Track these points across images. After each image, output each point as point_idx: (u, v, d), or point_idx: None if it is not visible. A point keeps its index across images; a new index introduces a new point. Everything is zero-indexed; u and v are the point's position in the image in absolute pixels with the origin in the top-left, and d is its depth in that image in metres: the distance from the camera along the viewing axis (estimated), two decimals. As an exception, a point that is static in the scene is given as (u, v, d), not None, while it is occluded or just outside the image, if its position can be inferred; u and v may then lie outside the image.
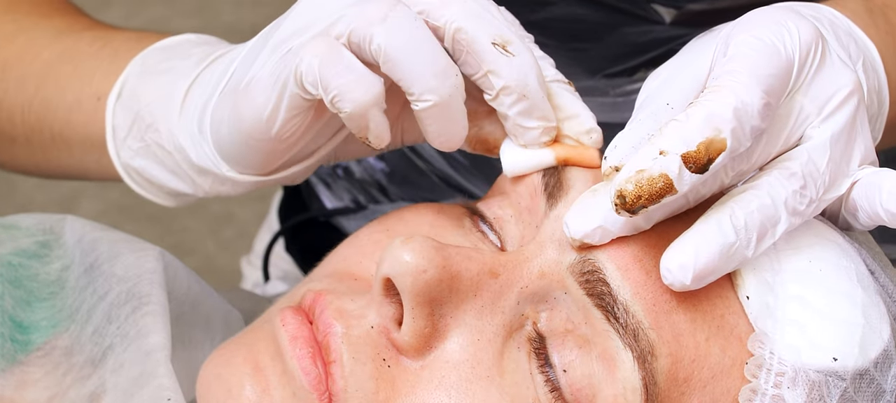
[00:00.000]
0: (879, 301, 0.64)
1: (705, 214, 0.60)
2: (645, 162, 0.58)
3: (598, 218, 0.60)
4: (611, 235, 0.61)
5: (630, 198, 0.58)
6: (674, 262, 0.59)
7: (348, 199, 1.09)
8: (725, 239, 0.59)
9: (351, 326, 0.62)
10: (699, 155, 0.57)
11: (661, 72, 0.67)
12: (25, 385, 0.66)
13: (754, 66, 0.59)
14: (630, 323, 0.60)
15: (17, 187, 2.21)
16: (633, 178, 0.58)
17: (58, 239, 0.72)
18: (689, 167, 0.57)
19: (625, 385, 0.59)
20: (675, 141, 0.57)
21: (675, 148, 0.57)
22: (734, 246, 0.59)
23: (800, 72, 0.61)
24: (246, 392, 0.61)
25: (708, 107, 0.58)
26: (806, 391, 0.60)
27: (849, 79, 0.62)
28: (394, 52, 0.62)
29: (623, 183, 0.58)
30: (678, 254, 0.59)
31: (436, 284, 0.60)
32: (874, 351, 0.62)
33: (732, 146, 0.58)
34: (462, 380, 0.61)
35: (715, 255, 0.59)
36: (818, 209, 0.62)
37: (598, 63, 0.95)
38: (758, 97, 0.58)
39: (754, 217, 0.60)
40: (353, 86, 0.62)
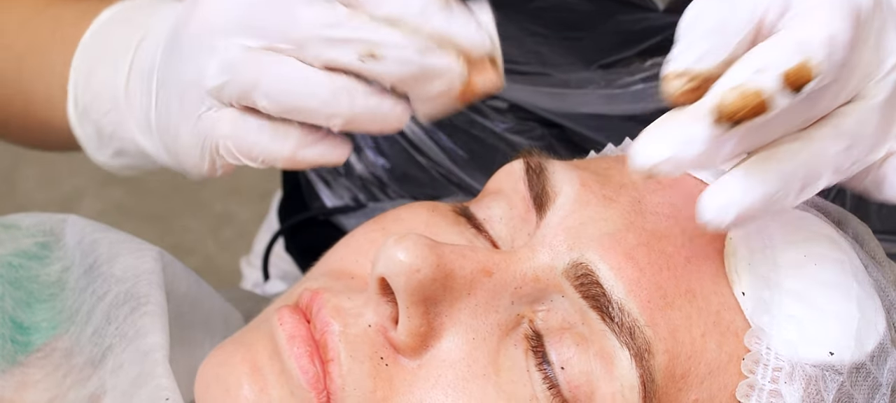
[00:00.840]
0: (874, 294, 0.64)
1: (751, 159, 0.58)
2: (744, 76, 0.55)
3: (673, 145, 0.55)
4: (682, 167, 0.56)
5: (731, 108, 0.54)
6: (714, 201, 0.57)
7: (348, 197, 1.09)
8: (769, 187, 0.57)
9: (348, 324, 0.62)
10: (788, 78, 0.54)
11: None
12: (25, 387, 0.66)
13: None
14: (625, 321, 0.60)
15: (17, 187, 2.21)
16: (737, 88, 0.54)
17: (58, 240, 0.72)
18: (789, 85, 0.54)
19: (622, 382, 0.59)
20: (769, 60, 0.55)
21: (776, 67, 0.54)
22: (776, 195, 0.57)
23: (870, 20, 0.59)
24: (244, 391, 0.61)
25: (799, 34, 0.55)
26: (803, 385, 0.61)
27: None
28: (283, 103, 0.65)
29: (726, 92, 0.55)
30: (720, 194, 0.57)
31: (430, 283, 0.60)
32: (870, 345, 0.62)
33: (821, 75, 0.55)
34: (459, 379, 0.61)
35: (758, 200, 0.57)
36: (857, 170, 0.61)
37: (592, 53, 0.94)
38: (847, 28, 0.56)
39: (800, 170, 0.58)
40: (271, 146, 0.67)
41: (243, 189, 2.20)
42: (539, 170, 0.66)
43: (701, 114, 0.55)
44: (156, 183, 2.16)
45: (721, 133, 0.55)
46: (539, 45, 0.93)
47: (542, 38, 0.93)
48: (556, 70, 0.95)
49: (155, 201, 2.15)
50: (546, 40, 0.93)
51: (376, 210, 1.06)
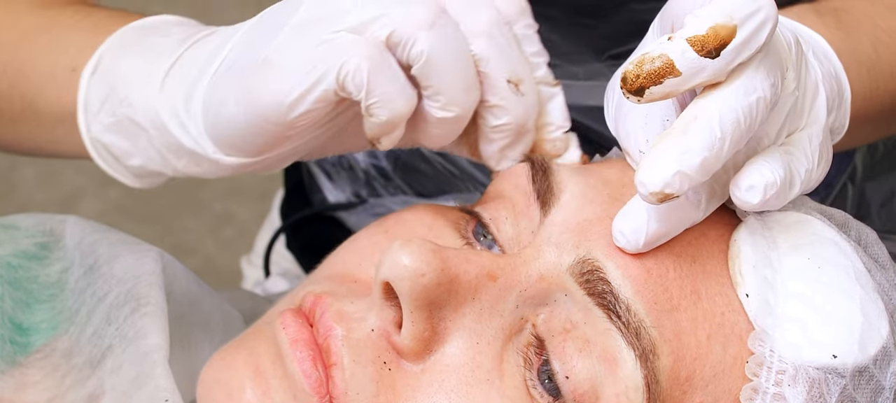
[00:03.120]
0: (878, 298, 0.64)
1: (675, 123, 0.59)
2: (651, 47, 0.58)
3: (673, 165, 0.58)
4: (689, 180, 0.57)
5: (630, 78, 0.57)
6: (746, 181, 0.60)
7: (350, 192, 1.09)
8: (782, 171, 0.60)
9: (351, 329, 0.62)
10: (707, 38, 0.57)
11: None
12: (25, 388, 0.66)
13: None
14: (632, 321, 0.60)
15: (17, 187, 2.21)
16: (635, 59, 0.58)
17: (58, 240, 0.72)
18: (695, 48, 0.57)
19: (627, 383, 0.59)
20: (684, 30, 0.58)
21: (683, 34, 0.57)
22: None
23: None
24: (247, 395, 0.61)
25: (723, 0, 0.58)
26: (806, 388, 0.61)
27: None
28: (436, 61, 0.63)
29: (626, 65, 0.58)
30: (756, 175, 0.60)
31: (434, 287, 0.60)
32: (873, 348, 0.62)
33: (743, 35, 0.57)
34: (462, 384, 0.60)
35: (779, 177, 0.60)
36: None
37: (604, 43, 0.94)
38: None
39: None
40: (396, 97, 0.63)
41: (243, 189, 2.20)
42: (544, 168, 0.66)
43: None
44: (155, 182, 2.15)
45: (635, 99, 0.58)
46: (551, 31, 0.93)
47: (554, 24, 0.93)
48: (566, 60, 0.95)
49: (155, 201, 2.14)
50: (558, 26, 0.93)
51: (377, 206, 1.06)
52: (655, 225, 0.61)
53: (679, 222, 0.62)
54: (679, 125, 0.58)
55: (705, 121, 0.58)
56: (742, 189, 0.60)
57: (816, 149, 0.64)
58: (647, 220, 0.60)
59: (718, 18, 0.57)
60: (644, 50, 0.58)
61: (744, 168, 0.61)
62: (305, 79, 0.63)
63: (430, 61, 0.63)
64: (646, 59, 0.57)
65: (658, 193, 0.57)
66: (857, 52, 0.75)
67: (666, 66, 0.57)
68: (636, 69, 0.57)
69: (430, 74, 0.64)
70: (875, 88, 0.77)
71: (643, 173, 0.57)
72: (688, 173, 0.57)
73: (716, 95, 0.58)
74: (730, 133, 0.58)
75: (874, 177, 1.07)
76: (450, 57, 0.64)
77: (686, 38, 0.57)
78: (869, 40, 0.77)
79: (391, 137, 0.65)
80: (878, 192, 1.08)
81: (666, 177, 0.57)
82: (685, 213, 0.62)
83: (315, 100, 0.64)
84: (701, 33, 0.57)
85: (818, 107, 0.65)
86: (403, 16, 0.63)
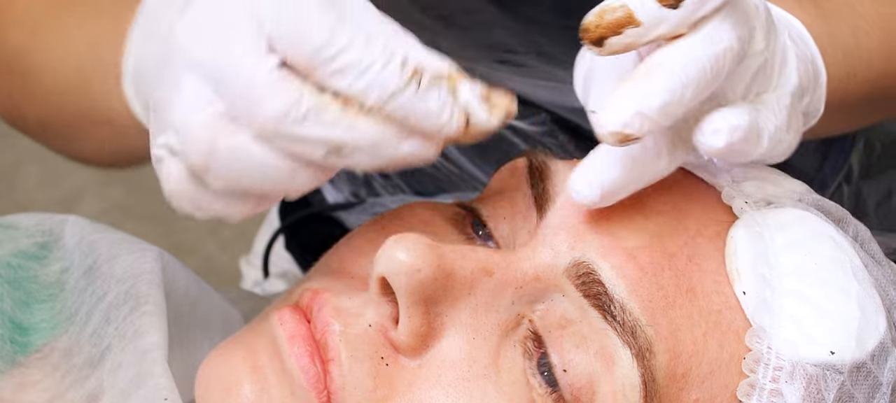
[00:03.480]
0: (875, 293, 0.64)
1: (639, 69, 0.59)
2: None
3: (632, 105, 0.57)
4: (650, 121, 0.57)
5: (591, 28, 0.57)
6: (710, 125, 0.59)
7: (348, 192, 1.09)
8: (748, 118, 0.60)
9: (349, 324, 0.62)
10: None
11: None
12: (25, 387, 0.66)
13: None
14: (627, 320, 0.60)
15: (17, 187, 2.21)
16: (596, 11, 0.57)
17: (57, 240, 0.72)
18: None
19: (624, 382, 0.59)
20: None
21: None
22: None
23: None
24: (244, 391, 0.61)
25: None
26: (804, 385, 0.61)
27: None
28: (238, 178, 0.59)
29: (587, 15, 0.58)
30: (719, 120, 0.59)
31: (430, 283, 0.60)
32: (871, 344, 0.62)
33: None
34: (459, 379, 0.61)
35: (744, 122, 0.60)
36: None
37: None
38: None
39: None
40: (228, 211, 0.62)
41: (243, 188, 2.19)
42: (541, 169, 0.66)
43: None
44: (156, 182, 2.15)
45: (596, 50, 0.58)
46: (537, 34, 0.93)
47: (540, 27, 0.93)
48: (552, 62, 0.95)
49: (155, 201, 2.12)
50: (545, 29, 0.93)
51: (376, 205, 1.06)
52: (611, 175, 0.60)
53: (640, 174, 0.61)
54: (642, 69, 0.58)
55: (669, 67, 0.57)
56: (706, 132, 0.59)
57: (784, 110, 0.63)
58: (603, 171, 0.60)
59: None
60: (606, 1, 0.58)
61: (708, 114, 0.60)
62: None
63: (231, 181, 0.58)
64: (606, 9, 0.57)
65: (617, 133, 0.57)
66: (835, 36, 0.75)
67: (626, 16, 0.57)
68: (597, 19, 0.57)
69: (243, 190, 0.59)
70: (852, 74, 0.76)
71: (603, 114, 0.57)
72: (648, 114, 0.57)
73: (681, 43, 0.58)
74: (694, 79, 0.57)
75: (871, 176, 1.07)
76: (239, 167, 0.58)
77: None
78: (848, 26, 0.77)
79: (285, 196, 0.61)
80: (875, 192, 1.08)
81: (625, 117, 0.56)
82: (645, 164, 0.61)
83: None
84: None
85: (788, 71, 0.65)
86: (189, 153, 0.58)
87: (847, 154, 1.05)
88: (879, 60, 0.79)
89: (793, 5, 0.75)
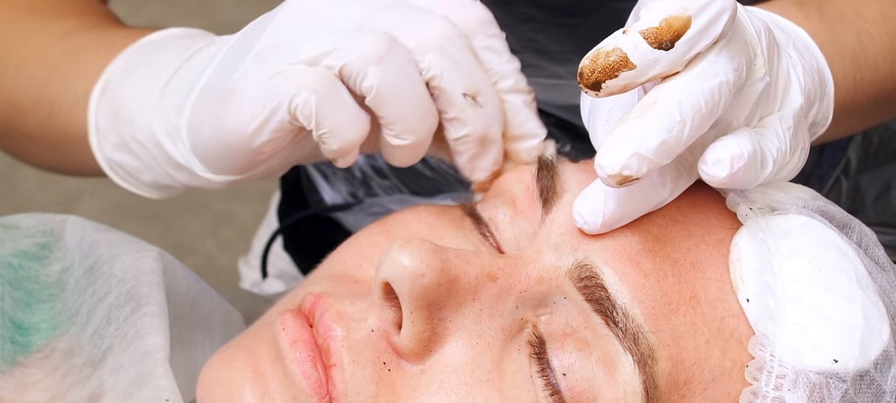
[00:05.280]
0: (878, 301, 0.64)
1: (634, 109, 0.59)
2: (606, 41, 0.58)
3: (629, 147, 0.58)
4: (647, 162, 0.58)
5: (586, 73, 0.58)
6: (712, 155, 0.60)
7: (346, 192, 1.09)
8: (750, 146, 0.60)
9: (351, 329, 0.62)
10: (660, 31, 0.57)
11: None
12: (25, 387, 0.66)
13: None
14: (629, 326, 0.60)
15: (17, 187, 2.21)
16: (591, 55, 0.58)
17: (58, 240, 0.72)
18: (649, 41, 0.57)
19: (625, 388, 0.59)
20: (639, 22, 0.58)
21: (637, 27, 0.58)
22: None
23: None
24: (246, 396, 0.61)
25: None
26: (807, 393, 0.60)
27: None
28: (386, 94, 0.64)
29: (583, 59, 0.58)
30: (721, 149, 0.60)
31: (434, 288, 0.60)
32: (874, 352, 0.62)
33: (698, 26, 0.57)
34: (462, 384, 0.60)
35: (747, 150, 0.60)
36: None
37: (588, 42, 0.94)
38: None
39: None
40: (346, 126, 0.65)
41: (243, 189, 2.20)
42: (549, 166, 0.66)
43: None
44: (156, 182, 2.15)
45: (593, 94, 0.59)
46: (535, 32, 0.93)
47: (537, 24, 0.93)
48: (550, 59, 0.95)
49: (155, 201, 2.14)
50: (542, 27, 0.93)
51: (374, 205, 1.06)
52: (613, 206, 0.61)
53: (641, 203, 0.62)
54: (638, 109, 0.58)
55: (664, 105, 0.58)
56: (709, 163, 0.60)
57: (787, 132, 0.63)
58: (605, 201, 0.61)
59: (672, 10, 0.57)
60: (600, 45, 0.58)
61: (711, 145, 0.60)
62: (261, 110, 0.65)
63: (379, 94, 0.64)
64: (600, 53, 0.58)
65: (616, 175, 0.57)
66: (841, 43, 0.75)
67: (620, 60, 0.57)
68: (592, 64, 0.58)
69: (382, 107, 0.65)
70: (860, 79, 0.77)
71: (601, 155, 0.58)
72: (646, 155, 0.57)
73: (676, 80, 0.58)
74: (690, 116, 0.58)
75: (868, 169, 1.07)
76: (399, 89, 0.64)
77: (639, 31, 0.57)
78: (853, 31, 0.77)
79: (347, 159, 0.66)
80: (873, 185, 1.08)
81: (623, 159, 0.57)
82: (648, 195, 0.62)
83: (273, 130, 0.65)
84: (654, 26, 0.57)
85: (792, 94, 0.65)
86: (354, 50, 0.64)
87: (844, 148, 1.05)
88: (885, 62, 0.79)
89: (797, 13, 0.74)
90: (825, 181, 1.05)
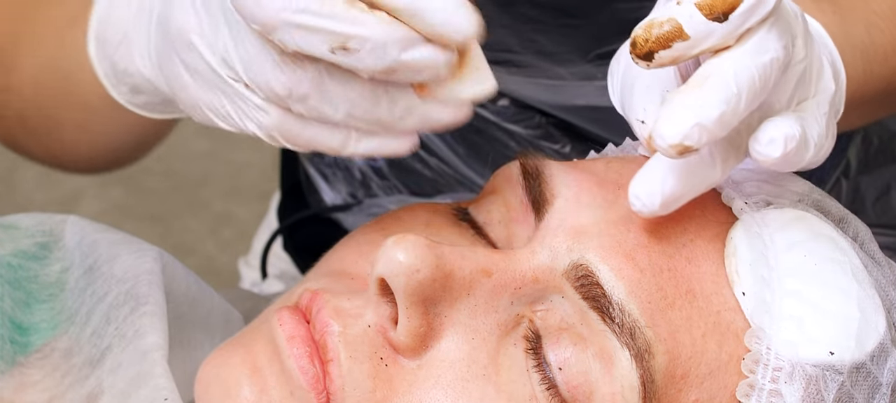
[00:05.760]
0: (874, 294, 0.64)
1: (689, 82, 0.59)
2: (659, 11, 0.58)
3: (691, 116, 0.57)
4: (708, 131, 0.57)
5: (639, 42, 0.58)
6: (766, 135, 0.60)
7: (346, 193, 1.09)
8: (800, 128, 0.60)
9: (348, 325, 0.62)
10: (715, 3, 0.57)
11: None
12: (24, 387, 0.66)
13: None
14: (626, 322, 0.60)
15: (17, 187, 2.21)
16: (644, 24, 0.58)
17: (58, 240, 0.72)
18: (704, 12, 0.57)
19: (622, 383, 0.59)
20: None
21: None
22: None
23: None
24: (244, 392, 0.61)
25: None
26: (803, 385, 0.61)
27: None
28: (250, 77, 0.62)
29: (635, 30, 0.58)
30: (775, 129, 0.60)
31: (429, 283, 0.60)
32: (870, 344, 0.62)
33: (751, 0, 0.57)
34: (458, 379, 0.61)
35: (797, 131, 0.60)
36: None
37: (589, 42, 0.94)
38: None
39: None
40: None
41: (243, 189, 2.20)
42: (536, 174, 0.66)
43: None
44: (155, 183, 2.16)
45: (645, 64, 0.58)
46: (536, 33, 0.93)
47: (538, 26, 0.93)
48: (551, 60, 0.95)
49: (155, 201, 2.15)
50: (543, 27, 0.93)
51: (373, 206, 1.06)
52: (671, 184, 0.60)
53: (697, 183, 0.61)
54: (693, 81, 0.58)
55: (721, 77, 0.58)
56: (762, 142, 0.60)
57: (823, 117, 0.64)
58: (663, 181, 0.60)
59: None
60: (652, 15, 0.58)
61: (762, 124, 0.60)
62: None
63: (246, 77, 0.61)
64: (654, 23, 0.58)
65: (677, 145, 0.57)
66: (852, 36, 0.75)
67: (674, 30, 0.58)
68: (645, 33, 0.58)
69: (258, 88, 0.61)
70: (869, 73, 0.77)
71: (661, 125, 0.57)
72: (707, 125, 0.57)
73: (729, 54, 0.58)
74: (745, 89, 0.58)
75: (868, 171, 1.07)
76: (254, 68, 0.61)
77: (694, 3, 0.57)
78: (863, 24, 0.77)
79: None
80: (873, 187, 1.08)
81: (684, 129, 0.57)
82: (702, 174, 0.61)
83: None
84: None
85: (826, 78, 0.65)
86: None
87: (844, 149, 1.05)
88: (895, 55, 0.79)
89: (809, 5, 0.75)
90: (825, 182, 1.05)
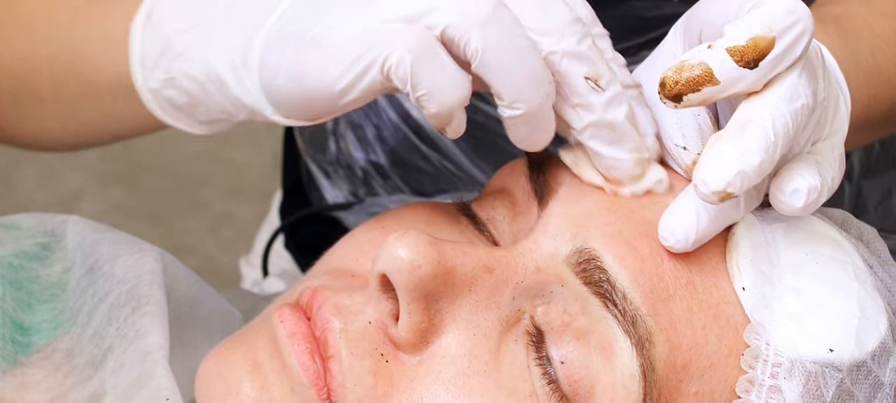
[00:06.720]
0: (877, 295, 0.64)
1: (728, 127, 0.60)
2: (690, 54, 0.59)
3: (734, 165, 0.58)
4: (749, 179, 0.58)
5: (669, 84, 0.59)
6: (790, 186, 0.61)
7: (347, 191, 1.09)
8: (820, 178, 0.62)
9: (348, 322, 0.62)
10: (747, 49, 0.58)
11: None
12: (26, 388, 0.66)
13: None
14: (628, 309, 0.60)
15: (17, 187, 2.21)
16: (674, 66, 0.59)
17: (59, 241, 0.72)
18: (734, 58, 0.58)
19: (623, 371, 0.60)
20: (724, 39, 0.59)
21: (722, 43, 0.59)
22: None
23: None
24: (245, 389, 0.61)
25: (761, 11, 0.59)
26: (802, 381, 0.61)
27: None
28: (491, 59, 0.61)
29: (666, 70, 0.59)
30: (799, 180, 0.61)
31: (430, 279, 0.60)
32: (871, 344, 0.62)
33: (781, 47, 0.58)
34: (459, 375, 0.61)
35: (819, 182, 0.61)
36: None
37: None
38: (805, 6, 0.59)
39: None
40: (444, 87, 0.61)
41: (243, 189, 2.20)
42: (541, 163, 0.66)
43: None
44: (156, 183, 2.16)
45: (673, 105, 0.59)
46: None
47: None
48: None
49: (155, 201, 2.15)
50: None
51: (374, 205, 1.06)
52: (705, 223, 0.61)
53: (723, 222, 0.63)
54: (734, 127, 0.59)
55: (759, 124, 0.59)
56: (786, 193, 0.61)
57: (837, 159, 0.65)
58: (697, 219, 0.61)
59: (758, 30, 0.58)
60: (684, 57, 0.59)
61: (783, 173, 0.62)
62: (351, 68, 0.62)
63: (485, 59, 0.60)
64: (685, 66, 0.59)
65: (720, 192, 0.58)
66: (857, 60, 0.76)
67: (705, 75, 0.58)
68: (675, 75, 0.59)
69: (488, 73, 0.61)
70: (874, 96, 0.77)
71: (705, 172, 0.58)
72: (748, 173, 0.58)
73: (765, 99, 0.59)
74: (781, 136, 0.59)
75: (871, 175, 1.07)
76: (507, 53, 0.61)
77: (726, 48, 0.58)
78: (868, 48, 0.78)
79: (453, 127, 0.63)
80: (875, 191, 1.08)
81: (728, 177, 0.58)
82: (728, 214, 0.63)
83: (363, 88, 0.62)
84: (741, 44, 0.58)
85: (840, 116, 0.66)
86: (457, 11, 0.60)
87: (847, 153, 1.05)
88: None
89: (816, 30, 0.75)
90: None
